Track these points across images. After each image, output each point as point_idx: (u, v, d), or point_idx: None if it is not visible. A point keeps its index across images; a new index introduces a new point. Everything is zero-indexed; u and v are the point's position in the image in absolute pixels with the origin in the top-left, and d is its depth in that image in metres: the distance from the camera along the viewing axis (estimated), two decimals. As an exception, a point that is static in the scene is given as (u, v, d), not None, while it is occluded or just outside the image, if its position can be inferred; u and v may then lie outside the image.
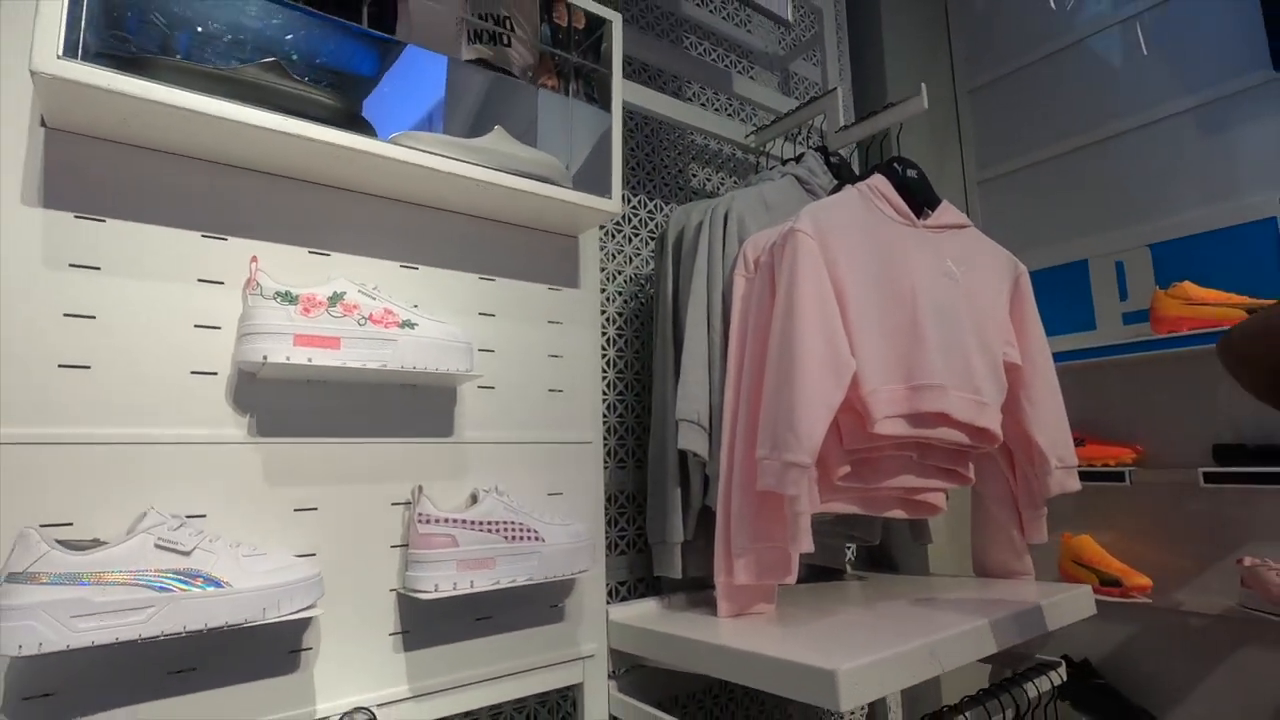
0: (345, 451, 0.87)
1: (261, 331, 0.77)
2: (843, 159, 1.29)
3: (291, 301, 0.79)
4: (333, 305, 0.81)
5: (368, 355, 0.81)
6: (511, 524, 0.90)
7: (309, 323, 0.79)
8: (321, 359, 0.79)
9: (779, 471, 0.93)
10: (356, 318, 0.82)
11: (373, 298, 0.84)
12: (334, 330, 0.80)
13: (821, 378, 0.94)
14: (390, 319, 0.84)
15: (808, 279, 0.97)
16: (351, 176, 0.88)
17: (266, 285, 0.79)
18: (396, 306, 0.85)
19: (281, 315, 0.78)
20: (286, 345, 0.77)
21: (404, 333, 0.84)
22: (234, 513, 0.79)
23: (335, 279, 0.83)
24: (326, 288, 0.82)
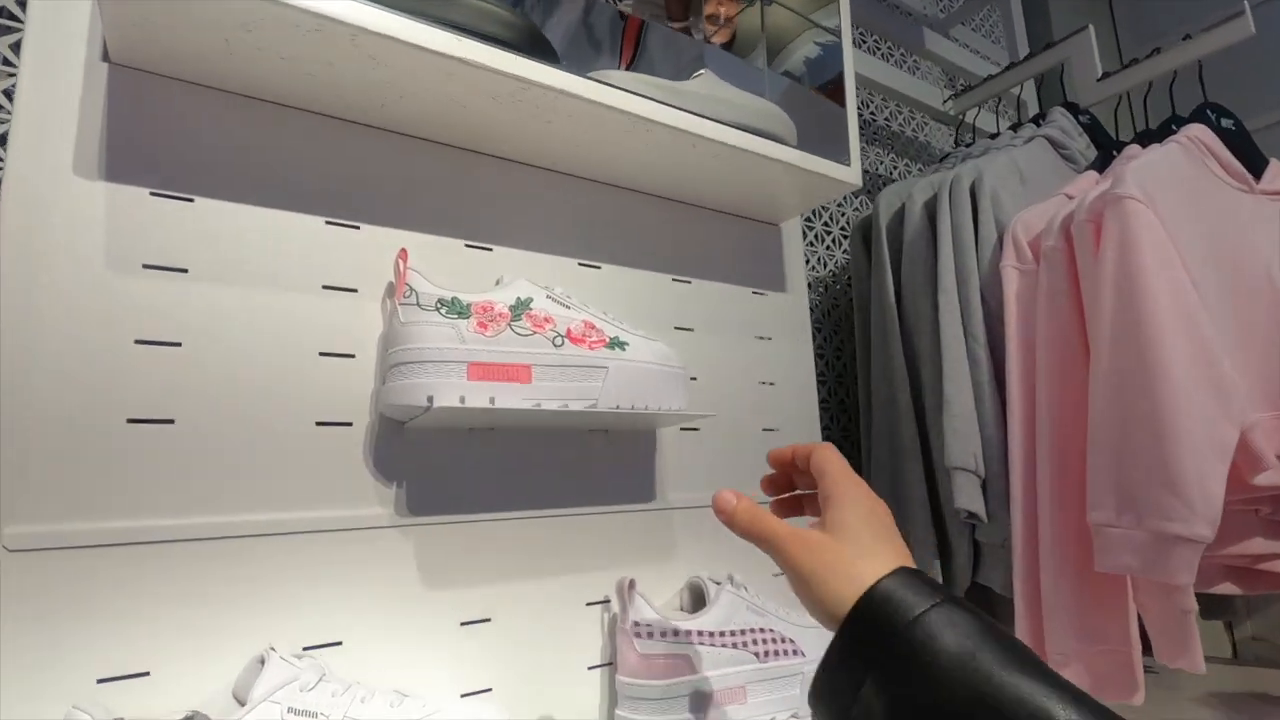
0: (520, 531, 0.60)
1: (423, 359, 0.50)
2: (1095, 119, 0.99)
3: (461, 314, 0.52)
4: (516, 318, 0.54)
5: (570, 390, 0.54)
6: (762, 633, 0.62)
7: (488, 344, 0.52)
8: (507, 399, 0.52)
9: (1146, 547, 0.63)
10: (550, 335, 0.55)
11: (567, 306, 0.58)
12: (523, 355, 0.53)
13: (1201, 406, 0.64)
14: (595, 337, 0.57)
15: (1156, 265, 0.68)
16: (518, 137, 0.62)
17: (424, 290, 0.53)
18: (598, 318, 0.58)
19: (449, 333, 0.51)
20: (459, 379, 0.51)
21: (614, 356, 0.57)
22: (379, 636, 0.52)
23: (512, 280, 0.57)
24: (505, 292, 0.56)
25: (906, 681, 0.32)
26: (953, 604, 0.34)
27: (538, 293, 0.57)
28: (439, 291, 0.53)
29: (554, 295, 0.58)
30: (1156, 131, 0.89)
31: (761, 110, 0.68)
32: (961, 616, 0.33)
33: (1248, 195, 0.81)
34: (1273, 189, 0.84)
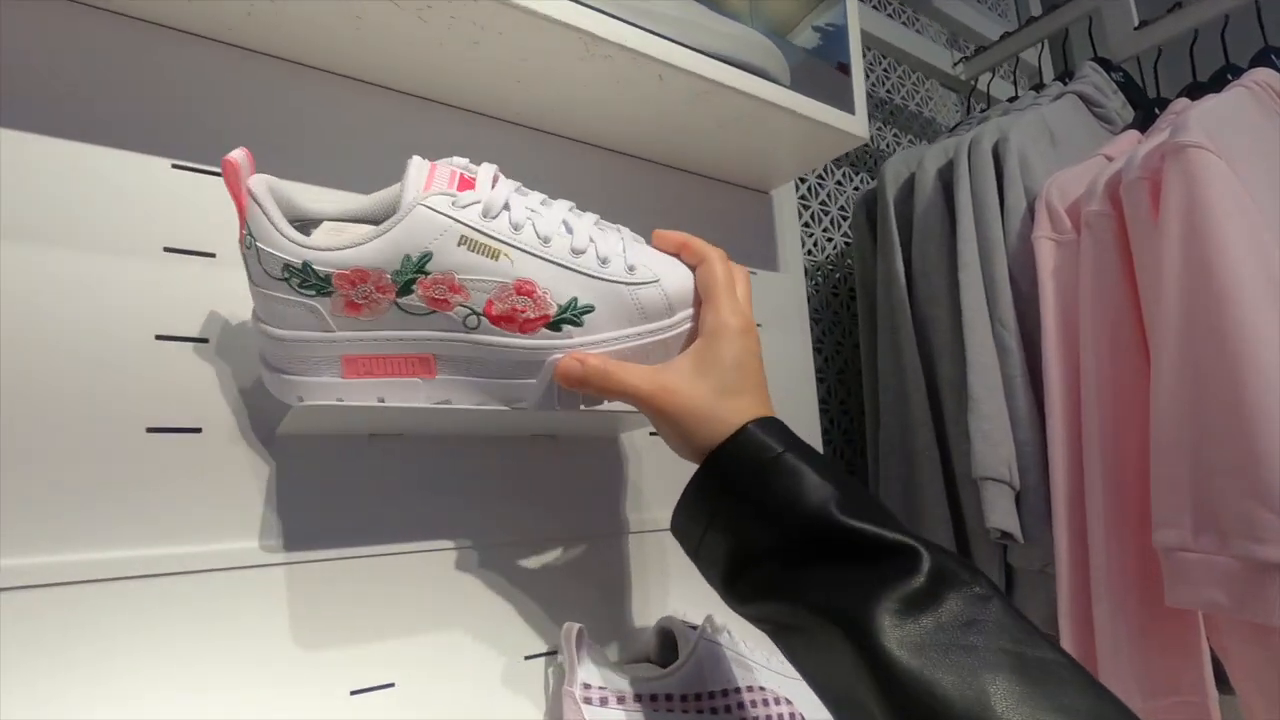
0: (437, 568, 0.46)
1: (281, 344, 0.37)
2: (1129, 77, 0.87)
3: (320, 289, 0.35)
4: (404, 291, 0.36)
5: (492, 390, 0.39)
6: (749, 692, 0.48)
7: (364, 331, 0.37)
8: (403, 396, 0.38)
9: (1242, 578, 0.49)
10: (460, 313, 0.37)
11: (494, 251, 0.36)
12: (418, 344, 0.38)
13: (1302, 399, 0.51)
14: (531, 311, 0.39)
15: (1234, 225, 0.55)
16: (434, 65, 0.49)
17: (269, 245, 0.35)
18: (550, 267, 0.38)
19: (307, 317, 0.36)
20: (331, 376, 0.37)
21: (557, 342, 0.42)
22: (230, 713, 0.38)
23: (403, 213, 0.35)
24: (383, 248, 0.35)
25: (746, 523, 0.34)
26: (799, 451, 0.35)
27: (445, 234, 0.35)
28: (287, 249, 0.34)
29: (474, 225, 0.36)
30: (1209, 83, 0.77)
31: (746, 39, 0.56)
32: (809, 465, 0.34)
33: (1325, 151, 0.68)
34: (1349, 145, 0.71)
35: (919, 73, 1.20)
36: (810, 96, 0.60)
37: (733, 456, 0.35)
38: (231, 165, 0.34)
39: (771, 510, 0.33)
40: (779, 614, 0.34)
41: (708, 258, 0.40)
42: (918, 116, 1.23)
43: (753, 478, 0.34)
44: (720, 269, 0.39)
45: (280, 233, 0.34)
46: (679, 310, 0.39)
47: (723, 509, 0.35)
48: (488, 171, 0.38)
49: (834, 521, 0.32)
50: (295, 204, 0.37)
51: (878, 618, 0.29)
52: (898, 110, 1.21)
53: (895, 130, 1.19)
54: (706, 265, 0.39)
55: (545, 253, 0.37)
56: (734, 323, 0.38)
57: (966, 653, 0.28)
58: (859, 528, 0.32)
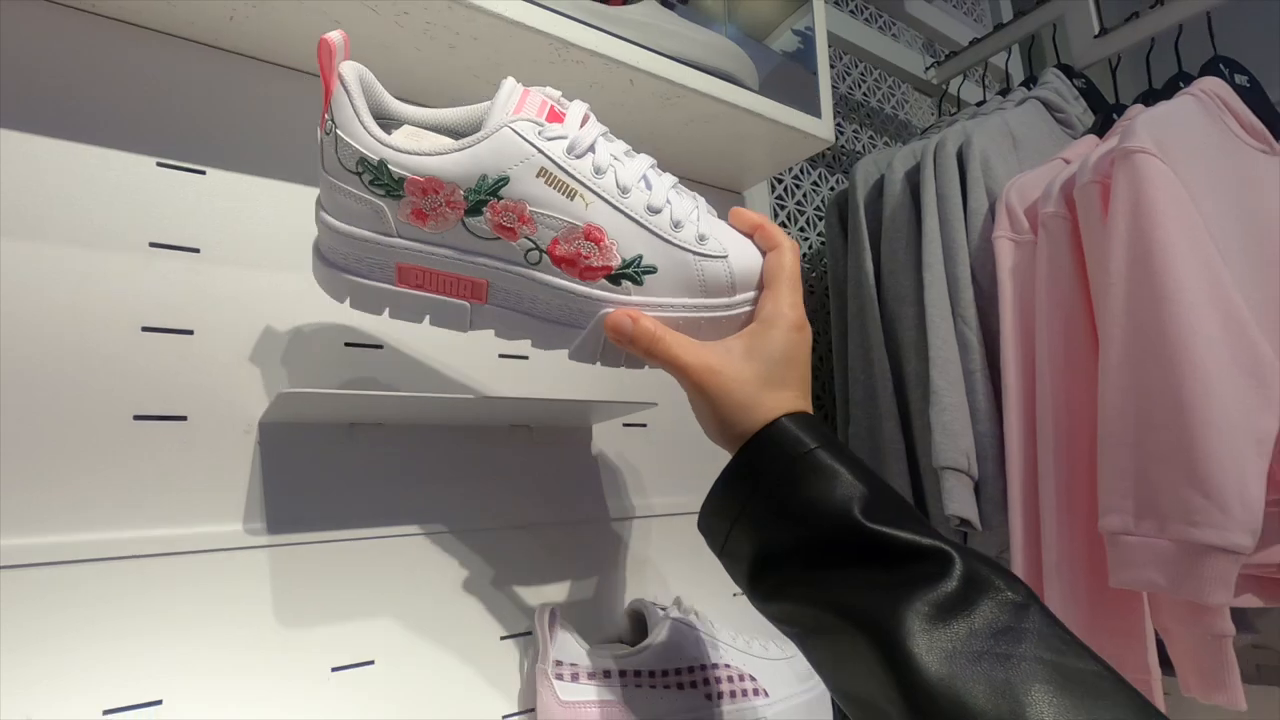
0: (415, 552, 0.48)
1: (339, 238, 0.36)
2: (1091, 83, 0.90)
3: (390, 190, 0.34)
4: (474, 210, 0.34)
5: (540, 331, 0.38)
6: (715, 669, 0.51)
7: (424, 243, 0.36)
8: (449, 319, 0.38)
9: (1173, 559, 0.53)
10: (523, 245, 0.35)
11: (571, 190, 0.35)
12: (475, 267, 0.36)
13: (1237, 391, 0.54)
14: (595, 258, 0.36)
15: (1177, 227, 0.58)
16: (413, 69, 0.51)
17: (348, 132, 0.34)
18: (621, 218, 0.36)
19: (369, 215, 0.35)
20: (384, 282, 0.37)
21: (615, 295, 0.37)
22: (217, 691, 0.40)
23: (495, 125, 0.34)
24: (470, 158, 0.34)
25: (774, 519, 0.33)
26: (833, 449, 0.33)
27: (527, 161, 0.34)
28: (366, 143, 0.33)
29: (557, 159, 0.35)
30: (1163, 90, 0.80)
31: (715, 46, 0.58)
32: (841, 463, 0.33)
33: (1269, 157, 0.71)
34: (1294, 151, 0.75)
35: (894, 77, 1.23)
36: (784, 100, 0.62)
37: (765, 448, 0.34)
38: (328, 45, 0.33)
39: (799, 507, 0.32)
40: (802, 616, 0.32)
41: (781, 245, 0.38)
42: (893, 119, 1.26)
43: (783, 472, 0.33)
44: (790, 259, 0.38)
45: (363, 125, 0.33)
46: (740, 292, 0.38)
47: (751, 503, 0.34)
48: (579, 109, 0.37)
49: (861, 522, 0.30)
50: (381, 101, 0.36)
51: (906, 622, 0.27)
52: (874, 113, 1.23)
53: (871, 133, 1.22)
54: (778, 253, 0.38)
55: (621, 203, 0.36)
56: (792, 315, 0.37)
57: (1000, 662, 0.26)
58: (887, 530, 0.30)
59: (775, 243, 0.38)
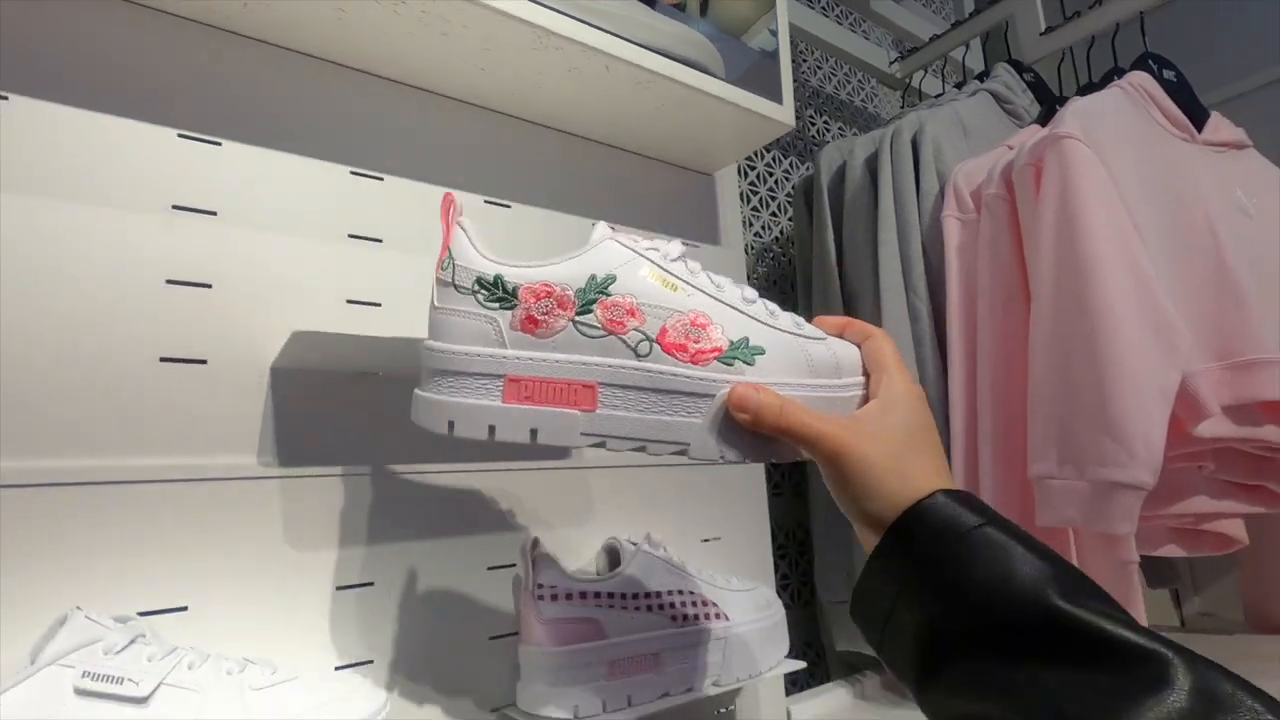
0: (411, 487, 0.54)
1: (448, 367, 0.37)
2: (1040, 77, 0.97)
3: (504, 301, 0.37)
4: (584, 309, 0.36)
5: (653, 427, 0.36)
6: (680, 595, 0.56)
7: (535, 349, 0.36)
8: (558, 432, 0.36)
9: (1087, 498, 0.59)
10: (633, 338, 0.36)
11: (673, 284, 0.37)
12: (585, 368, 0.36)
13: (1144, 349, 0.61)
14: (704, 342, 0.37)
15: (1096, 204, 0.64)
16: (411, 54, 0.56)
17: (464, 261, 0.37)
18: (719, 305, 0.38)
19: (484, 330, 0.37)
20: (491, 399, 0.36)
21: (730, 375, 0.36)
22: (235, 600, 0.46)
23: (598, 242, 0.38)
24: (578, 265, 0.37)
25: (944, 598, 0.30)
26: (1004, 525, 0.31)
27: (630, 262, 0.37)
28: (482, 265, 0.36)
29: (656, 261, 0.38)
30: (1099, 84, 0.87)
31: (686, 38, 0.64)
32: (1016, 539, 0.30)
33: (1190, 145, 0.79)
34: (1215, 139, 0.82)
35: (862, 72, 1.30)
36: (753, 88, 0.68)
37: (923, 523, 0.31)
38: (450, 198, 0.39)
39: (976, 587, 0.29)
40: (987, 718, 0.28)
41: (875, 333, 0.39)
42: (862, 112, 1.33)
43: (949, 549, 0.30)
44: (890, 345, 0.38)
45: (479, 251, 0.37)
46: (846, 375, 0.38)
47: (914, 583, 0.31)
48: (661, 239, 0.40)
49: (1055, 608, 0.27)
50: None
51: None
52: (843, 106, 1.30)
53: (840, 124, 1.29)
54: (876, 339, 0.38)
55: (719, 295, 0.38)
56: (912, 389, 0.36)
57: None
58: (1087, 619, 0.27)
59: (868, 332, 0.39)
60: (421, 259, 0.58)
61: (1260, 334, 0.70)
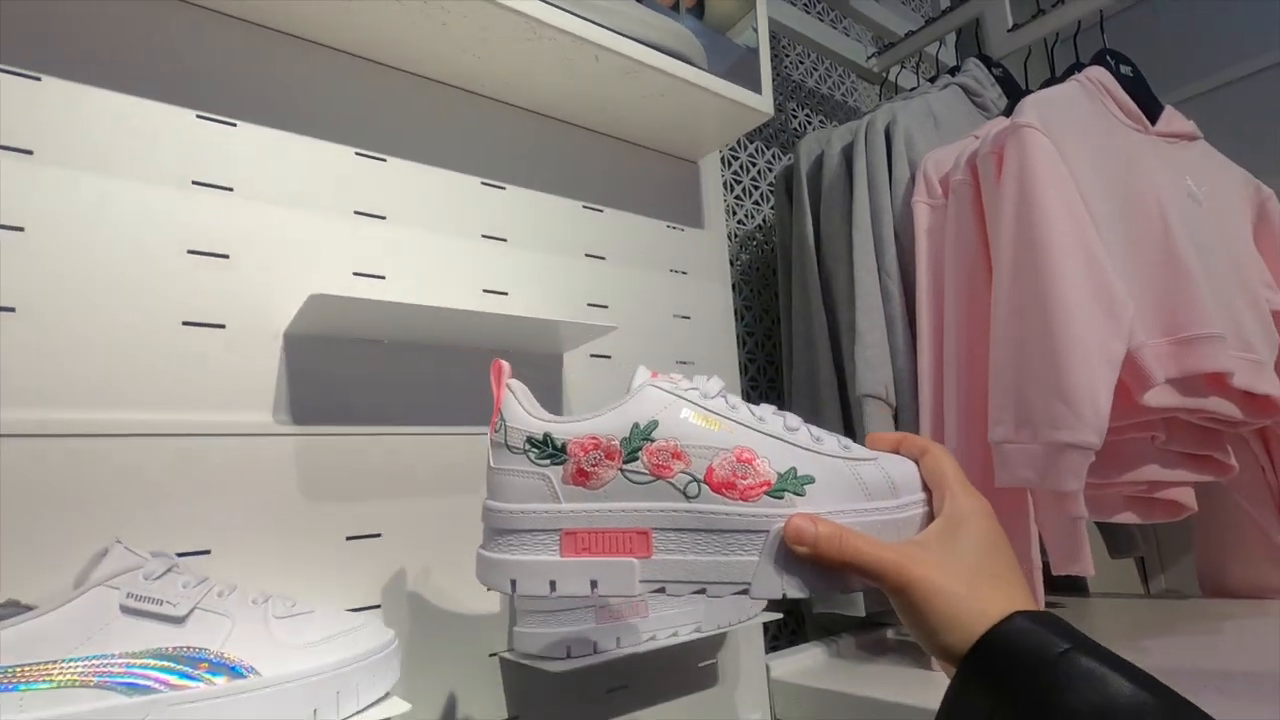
0: (417, 447, 0.58)
1: (508, 526, 0.38)
2: (1008, 72, 1.02)
3: (554, 457, 0.38)
4: (630, 457, 0.37)
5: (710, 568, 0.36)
6: (665, 549, 0.61)
7: (588, 501, 0.37)
8: (616, 582, 0.36)
9: (1040, 458, 0.64)
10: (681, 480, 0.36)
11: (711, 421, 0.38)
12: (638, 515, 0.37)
13: (1093, 321, 0.66)
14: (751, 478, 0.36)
15: (1051, 187, 0.69)
16: (411, 41, 0.60)
17: (515, 422, 0.39)
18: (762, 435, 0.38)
19: (538, 487, 0.38)
20: (550, 554, 0.37)
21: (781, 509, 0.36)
22: (253, 547, 0.49)
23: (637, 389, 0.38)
24: (619, 416, 0.38)
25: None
26: (1092, 649, 0.29)
27: (670, 406, 0.37)
28: (531, 424, 0.38)
29: (696, 401, 0.38)
30: (1060, 78, 0.92)
31: (670, 30, 0.68)
32: (1108, 665, 0.28)
33: (1143, 135, 0.84)
34: (1168, 131, 0.87)
35: (842, 67, 1.35)
36: (740, 82, 0.72)
37: (1005, 650, 0.30)
38: (500, 366, 0.41)
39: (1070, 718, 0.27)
40: None
41: (931, 448, 0.37)
42: (843, 105, 1.38)
43: (1036, 677, 0.28)
44: (949, 459, 0.36)
45: (527, 411, 0.39)
46: (905, 494, 0.36)
47: (999, 715, 0.29)
48: (699, 378, 0.40)
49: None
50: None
51: None
52: (825, 99, 1.35)
53: (821, 117, 1.33)
54: (933, 454, 0.37)
55: (761, 427, 0.37)
56: (979, 505, 0.35)
57: None
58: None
59: (924, 447, 0.37)
60: (422, 234, 0.62)
61: (1205, 312, 0.75)
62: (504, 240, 0.67)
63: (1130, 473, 0.80)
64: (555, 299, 0.69)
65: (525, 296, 0.67)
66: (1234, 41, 1.58)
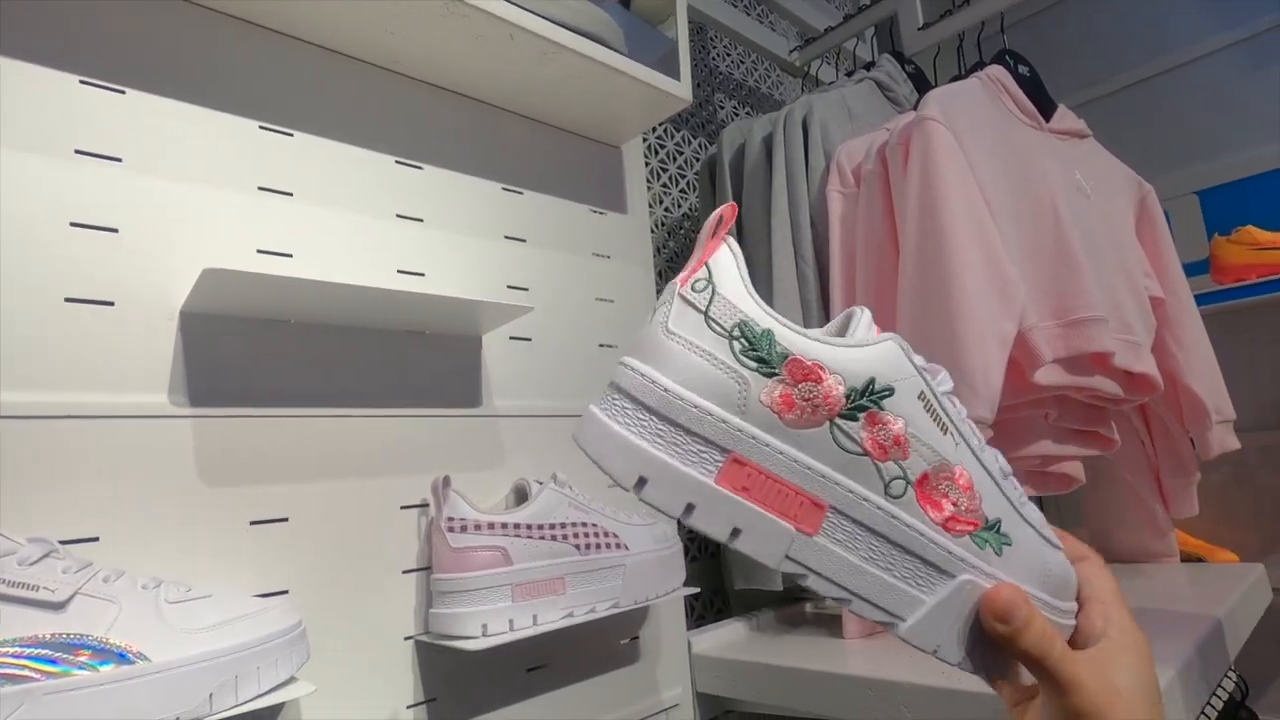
0: (326, 430, 0.56)
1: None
2: (920, 70, 1.07)
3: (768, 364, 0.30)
4: (849, 414, 0.30)
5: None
6: (583, 527, 0.61)
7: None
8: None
9: (941, 433, 0.68)
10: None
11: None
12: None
13: (987, 303, 0.70)
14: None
15: (951, 177, 0.73)
16: (318, 12, 0.58)
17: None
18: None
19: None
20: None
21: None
22: (147, 533, 0.47)
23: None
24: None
25: None
26: None
27: (911, 380, 0.30)
28: (754, 311, 0.29)
29: (935, 392, 0.31)
30: (965, 75, 0.97)
31: (586, 12, 0.68)
32: None
33: (1037, 131, 0.89)
34: (1060, 128, 0.93)
35: (767, 60, 1.38)
36: (664, 70, 0.73)
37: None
38: (731, 213, 0.31)
39: None
40: None
41: (1091, 556, 0.34)
42: (768, 97, 1.41)
43: None
44: (1109, 574, 0.33)
45: (748, 292, 0.30)
46: (1069, 600, 0.32)
47: None
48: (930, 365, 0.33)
49: None
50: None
51: None
52: (750, 90, 1.37)
53: (748, 108, 1.36)
54: (1095, 565, 0.33)
55: (981, 456, 0.31)
56: (1145, 639, 0.31)
57: None
58: None
59: (1083, 553, 0.34)
60: (332, 212, 0.60)
61: (1090, 297, 0.81)
62: (420, 221, 0.66)
63: (1027, 448, 0.86)
64: (474, 281, 0.68)
65: (443, 278, 0.66)
66: (1123, 52, 1.72)
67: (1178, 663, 0.59)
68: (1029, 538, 0.31)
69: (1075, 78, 1.77)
